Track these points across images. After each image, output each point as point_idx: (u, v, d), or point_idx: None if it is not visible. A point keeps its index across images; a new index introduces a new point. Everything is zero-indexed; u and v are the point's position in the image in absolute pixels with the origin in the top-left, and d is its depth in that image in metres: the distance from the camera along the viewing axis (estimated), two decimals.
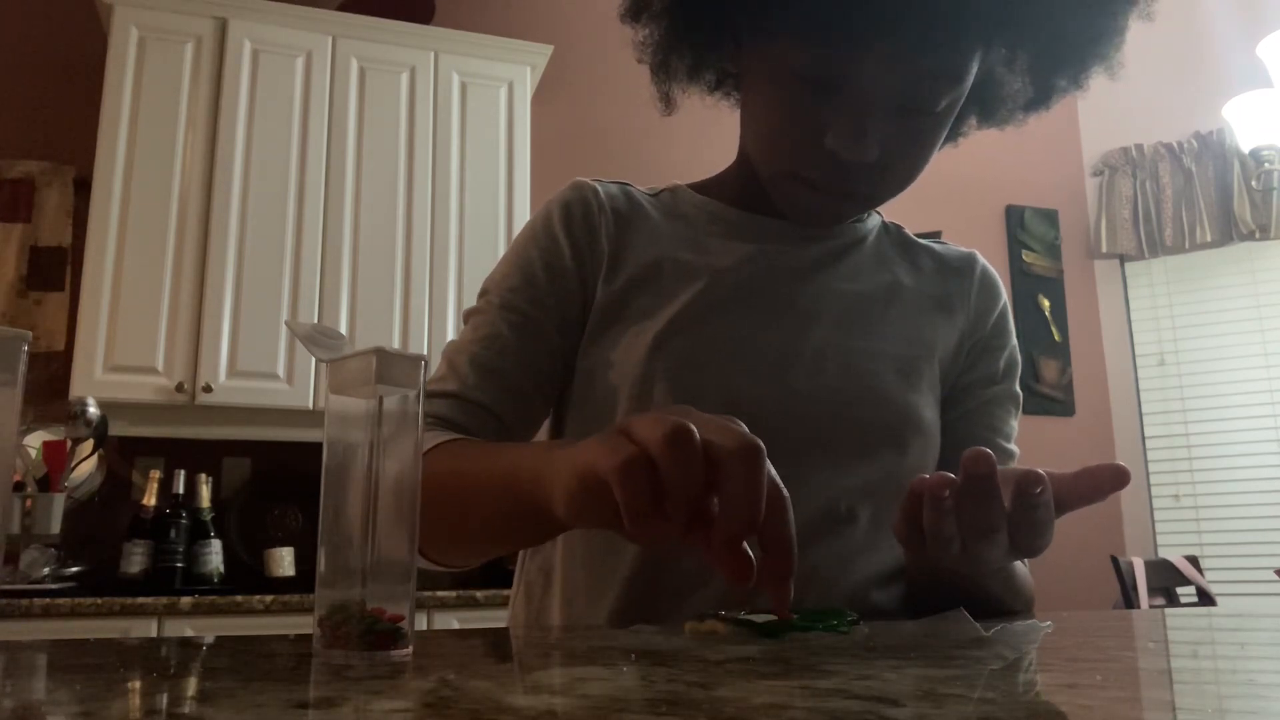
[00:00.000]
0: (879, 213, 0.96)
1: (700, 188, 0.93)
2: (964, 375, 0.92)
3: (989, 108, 0.84)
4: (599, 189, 0.89)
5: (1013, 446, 0.92)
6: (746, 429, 0.50)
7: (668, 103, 0.88)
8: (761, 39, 0.77)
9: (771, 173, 0.82)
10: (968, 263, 0.95)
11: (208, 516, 2.65)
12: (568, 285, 0.85)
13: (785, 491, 0.50)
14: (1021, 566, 0.86)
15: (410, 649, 0.48)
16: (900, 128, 0.76)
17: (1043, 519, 0.59)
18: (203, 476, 2.69)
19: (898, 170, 0.79)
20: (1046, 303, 3.92)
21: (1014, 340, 0.96)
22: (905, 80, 0.73)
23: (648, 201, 0.91)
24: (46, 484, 2.58)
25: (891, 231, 0.96)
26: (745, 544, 0.49)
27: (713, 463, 0.48)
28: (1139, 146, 3.99)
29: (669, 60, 0.85)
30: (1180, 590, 3.11)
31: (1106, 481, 0.60)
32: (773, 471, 0.50)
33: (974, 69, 0.75)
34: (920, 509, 0.59)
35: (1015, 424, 0.94)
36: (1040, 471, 0.58)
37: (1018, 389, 0.94)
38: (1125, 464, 0.60)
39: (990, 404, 0.92)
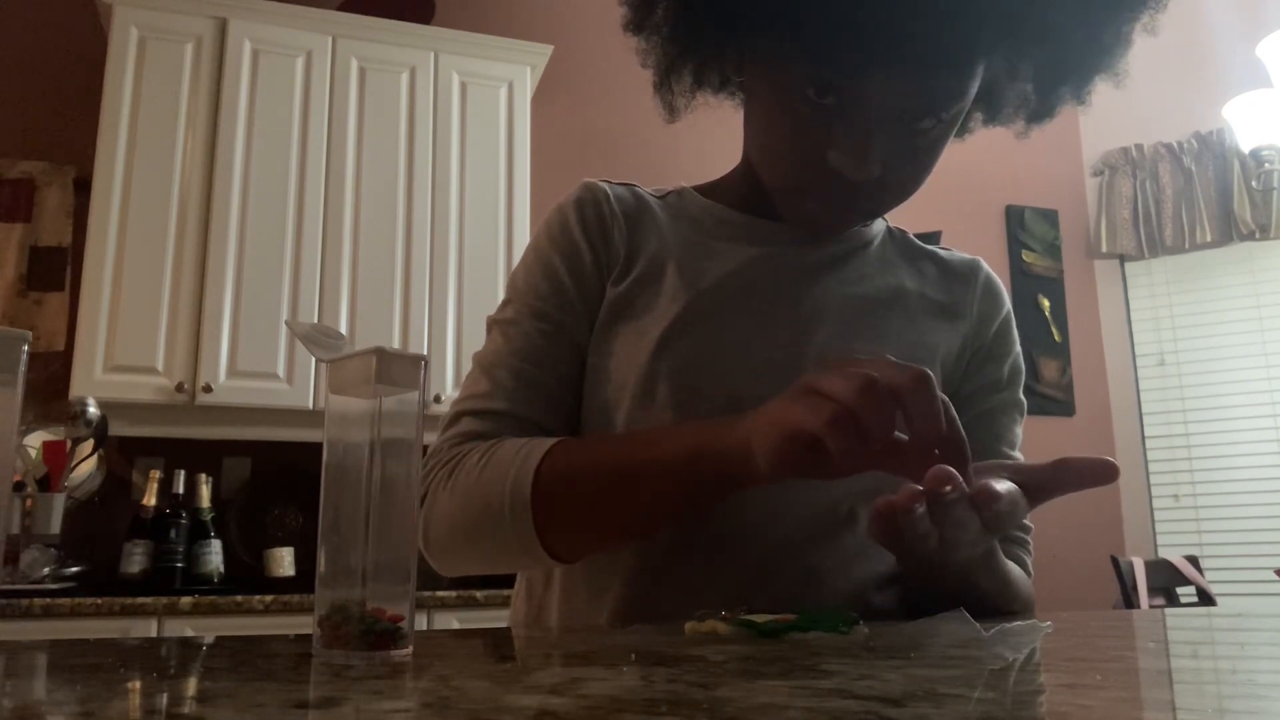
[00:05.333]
0: (884, 218, 0.96)
1: (706, 190, 0.93)
2: (967, 383, 0.92)
3: (994, 108, 0.84)
4: (609, 190, 0.89)
5: (1017, 454, 0.92)
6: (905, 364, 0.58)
7: (671, 111, 0.88)
8: (765, 55, 0.77)
9: (775, 186, 0.82)
10: (971, 269, 0.95)
11: (208, 516, 2.65)
12: (590, 287, 0.86)
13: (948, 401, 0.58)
14: (1020, 570, 0.86)
15: (410, 649, 0.48)
16: (903, 143, 0.76)
17: (1011, 512, 0.59)
18: (203, 476, 2.69)
19: (900, 184, 0.79)
20: (1046, 303, 3.92)
21: (1018, 348, 0.95)
22: (908, 99, 0.73)
23: (655, 203, 0.91)
24: (46, 484, 2.58)
25: (896, 237, 0.96)
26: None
27: (895, 394, 0.56)
28: (1139, 146, 3.99)
29: (672, 73, 0.85)
30: (1180, 590, 3.11)
31: (1091, 474, 0.61)
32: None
33: (977, 82, 0.75)
34: (891, 521, 0.59)
35: (1019, 431, 0.94)
36: (997, 490, 0.58)
37: (1021, 396, 0.94)
38: (1124, 464, 0.61)
39: (994, 412, 0.92)
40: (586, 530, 0.76)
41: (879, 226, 0.95)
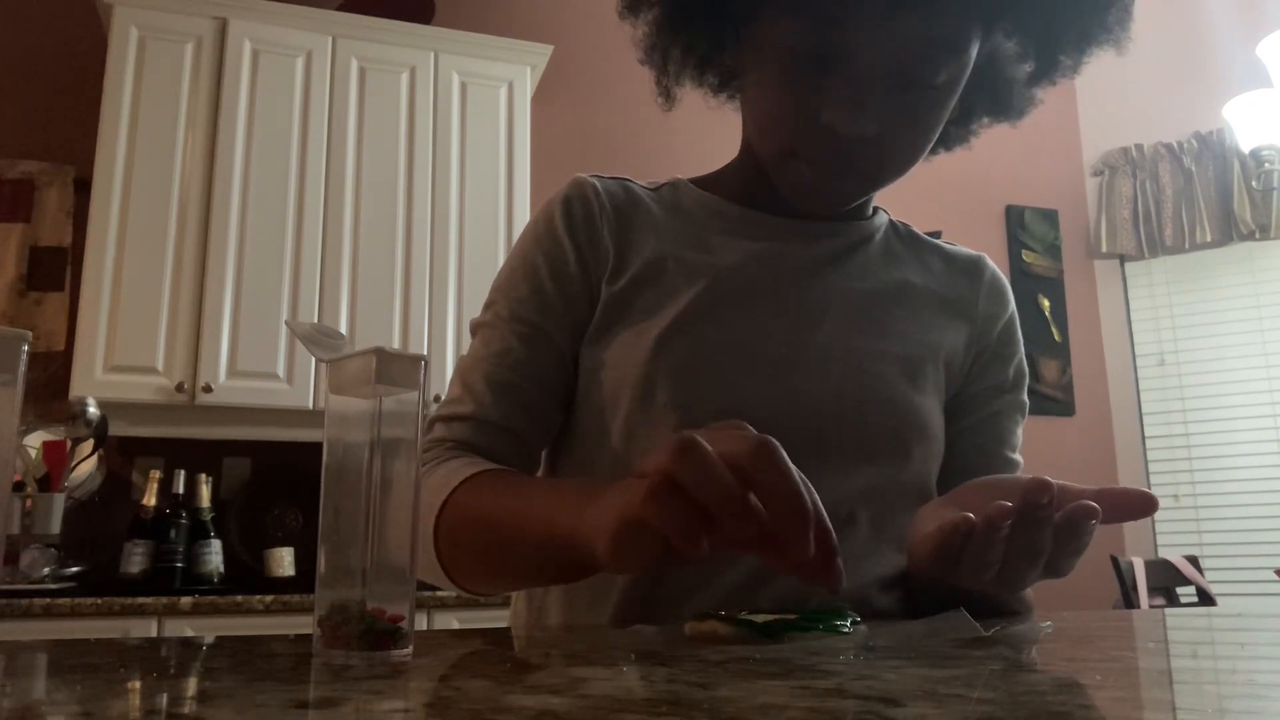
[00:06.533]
0: (886, 211, 0.95)
1: (701, 183, 0.92)
2: (972, 383, 0.91)
3: (997, 97, 0.83)
4: (598, 186, 0.88)
5: (1017, 457, 0.91)
6: (751, 430, 0.52)
7: (668, 97, 0.87)
8: (757, 20, 0.77)
9: (771, 154, 0.81)
10: (976, 266, 0.94)
11: (208, 516, 2.65)
12: (574, 289, 0.84)
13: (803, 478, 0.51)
14: None
15: (410, 649, 0.48)
16: (899, 102, 0.75)
17: (1084, 545, 0.60)
18: (203, 476, 2.69)
19: (898, 147, 0.78)
20: (1046, 303, 3.92)
21: (1022, 349, 0.94)
22: (901, 51, 0.72)
23: (648, 196, 0.89)
24: (46, 484, 2.58)
25: (900, 231, 0.95)
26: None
27: (736, 469, 0.49)
28: (1139, 146, 3.99)
29: (667, 53, 0.84)
30: (1180, 590, 3.11)
31: (1129, 508, 0.61)
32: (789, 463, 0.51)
33: (974, 43, 0.74)
34: (959, 538, 0.58)
35: (1020, 433, 0.93)
36: (1094, 505, 0.58)
37: (1025, 398, 0.93)
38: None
39: (999, 414, 0.91)
40: (481, 573, 0.75)
41: (882, 219, 0.93)
